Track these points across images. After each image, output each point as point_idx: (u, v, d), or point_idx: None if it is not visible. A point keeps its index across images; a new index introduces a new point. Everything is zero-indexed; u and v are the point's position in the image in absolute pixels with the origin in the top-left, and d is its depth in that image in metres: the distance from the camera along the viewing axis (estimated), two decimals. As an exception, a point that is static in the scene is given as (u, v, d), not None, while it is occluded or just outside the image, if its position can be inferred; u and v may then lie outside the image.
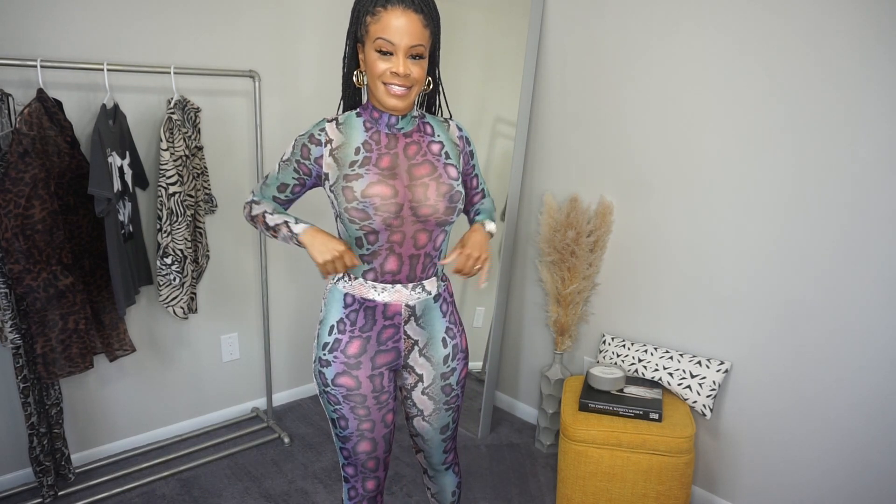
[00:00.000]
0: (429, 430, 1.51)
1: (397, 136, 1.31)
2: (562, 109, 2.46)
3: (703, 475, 2.22)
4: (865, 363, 1.78)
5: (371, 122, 1.32)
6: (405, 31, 1.18)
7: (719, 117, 2.00)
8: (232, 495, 2.23)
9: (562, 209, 2.39)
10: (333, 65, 2.73)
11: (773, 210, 1.92)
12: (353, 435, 1.39)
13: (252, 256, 2.65)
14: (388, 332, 1.36)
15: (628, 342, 2.31)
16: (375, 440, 1.41)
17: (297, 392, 2.97)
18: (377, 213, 1.24)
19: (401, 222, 1.28)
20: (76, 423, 2.30)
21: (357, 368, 1.35)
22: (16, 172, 1.79)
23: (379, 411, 1.39)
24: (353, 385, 1.36)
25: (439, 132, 1.37)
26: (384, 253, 1.30)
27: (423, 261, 1.34)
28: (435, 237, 1.33)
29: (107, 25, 2.11)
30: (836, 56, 1.73)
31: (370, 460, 1.43)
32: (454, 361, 1.45)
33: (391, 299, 1.34)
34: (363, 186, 1.25)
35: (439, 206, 1.29)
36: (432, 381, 1.44)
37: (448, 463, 1.60)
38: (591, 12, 2.31)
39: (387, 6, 1.18)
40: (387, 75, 1.21)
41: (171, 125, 2.07)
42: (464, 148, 1.41)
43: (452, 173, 1.32)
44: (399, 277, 1.33)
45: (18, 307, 1.91)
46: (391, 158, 1.29)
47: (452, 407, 1.50)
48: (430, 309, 1.40)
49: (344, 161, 1.28)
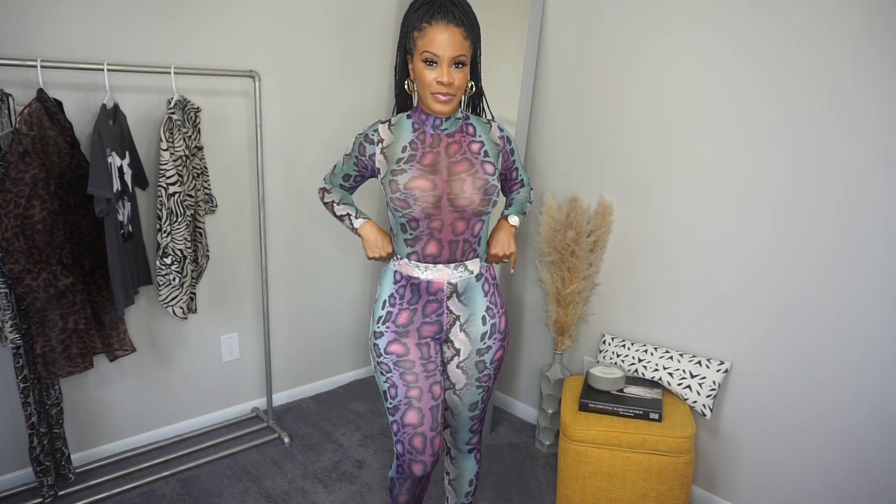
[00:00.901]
0: (458, 404, 1.62)
1: (441, 136, 1.48)
2: (562, 109, 2.46)
3: (703, 475, 2.22)
4: (865, 362, 1.79)
5: (419, 123, 1.49)
6: (448, 44, 1.34)
7: (719, 117, 2.00)
8: (232, 495, 2.23)
9: (562, 209, 2.39)
10: (333, 65, 2.74)
11: (772, 209, 1.92)
12: (402, 404, 1.51)
13: (252, 257, 2.65)
14: (433, 305, 1.53)
15: (628, 342, 2.31)
16: (422, 411, 1.51)
17: (297, 392, 2.97)
18: (416, 203, 1.42)
19: (439, 212, 1.44)
20: (76, 423, 2.30)
21: (406, 336, 1.53)
22: (16, 172, 1.79)
23: (427, 380, 1.52)
24: (402, 351, 1.53)
25: (481, 132, 1.52)
26: (425, 238, 1.47)
27: (463, 245, 1.50)
28: (472, 225, 1.48)
29: (107, 25, 2.11)
30: (831, 56, 1.73)
31: (416, 437, 1.50)
32: (490, 339, 1.57)
33: (434, 277, 1.50)
34: (406, 180, 1.43)
35: (475, 198, 1.44)
36: (468, 356, 1.57)
37: (472, 445, 1.71)
38: (591, 12, 2.31)
39: (431, 22, 1.34)
40: (433, 85, 1.37)
41: (171, 125, 2.07)
42: (504, 147, 1.55)
43: (489, 169, 1.48)
44: (440, 259, 1.49)
45: (18, 307, 1.91)
46: (434, 156, 1.46)
47: (483, 386, 1.61)
48: (472, 287, 1.54)
49: (392, 158, 1.47)
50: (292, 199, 2.73)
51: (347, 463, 2.45)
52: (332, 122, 2.79)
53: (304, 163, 2.73)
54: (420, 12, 1.37)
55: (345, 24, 2.73)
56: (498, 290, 1.61)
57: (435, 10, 1.34)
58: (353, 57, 2.80)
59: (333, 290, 2.99)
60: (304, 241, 2.83)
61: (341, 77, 2.78)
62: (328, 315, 3.00)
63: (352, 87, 2.83)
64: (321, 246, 2.89)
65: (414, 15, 1.38)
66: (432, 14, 1.35)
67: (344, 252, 2.99)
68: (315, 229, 2.85)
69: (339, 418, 2.80)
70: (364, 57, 2.83)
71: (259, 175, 2.45)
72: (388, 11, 2.87)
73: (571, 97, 2.42)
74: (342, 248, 2.98)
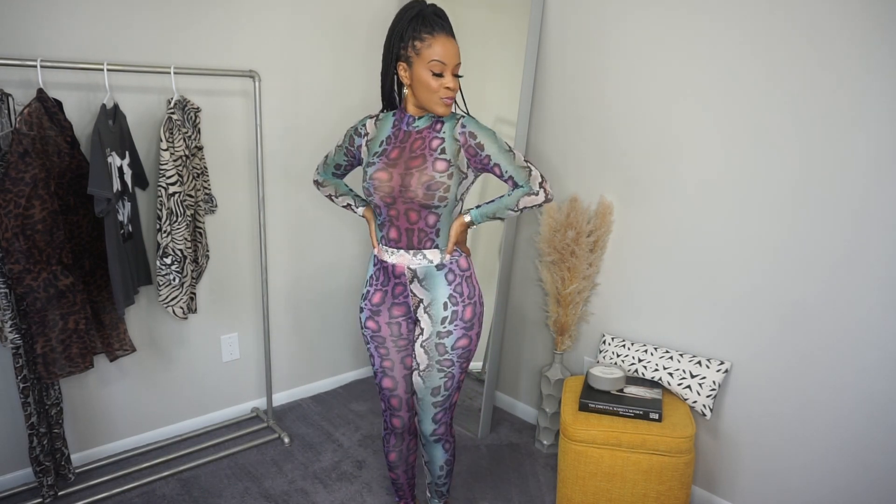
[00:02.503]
0: (422, 387, 1.71)
1: (411, 133, 1.62)
2: (561, 109, 2.46)
3: (703, 475, 2.22)
4: (865, 362, 1.78)
5: (398, 121, 1.65)
6: (452, 54, 1.51)
7: (720, 117, 2.00)
8: (232, 495, 2.23)
9: (561, 209, 2.39)
10: (333, 65, 2.73)
11: (773, 210, 1.92)
12: (378, 371, 1.78)
13: (252, 256, 2.65)
14: (399, 288, 1.69)
15: (628, 342, 2.31)
16: (395, 379, 1.77)
17: (297, 392, 2.97)
18: (376, 192, 1.60)
19: (393, 201, 1.59)
20: (76, 423, 2.30)
21: (378, 315, 1.73)
22: (16, 172, 1.79)
23: (398, 353, 1.75)
24: (375, 328, 1.74)
25: (446, 129, 1.60)
26: (388, 224, 1.64)
27: (418, 234, 1.62)
28: (425, 216, 1.60)
29: (107, 25, 2.11)
30: (834, 55, 1.73)
31: (392, 397, 1.79)
32: (451, 325, 1.66)
33: (396, 261, 1.66)
34: (372, 171, 1.61)
35: (419, 192, 1.55)
36: (429, 336, 1.67)
37: (437, 436, 1.77)
38: (591, 12, 2.31)
39: (433, 34, 1.49)
40: (442, 90, 1.53)
41: (171, 125, 2.07)
42: (466, 142, 1.58)
43: (439, 167, 1.56)
44: (400, 245, 1.64)
45: (18, 307, 1.91)
46: (399, 151, 1.61)
47: (445, 371, 1.68)
48: (433, 276, 1.65)
49: (371, 150, 1.66)
50: (292, 199, 2.73)
51: (347, 463, 2.45)
52: (332, 121, 2.79)
53: (304, 162, 2.73)
54: (416, 22, 1.50)
55: (344, 23, 2.73)
56: (468, 283, 1.68)
57: (432, 22, 1.49)
58: (353, 57, 2.80)
59: (333, 290, 2.99)
60: (304, 240, 2.83)
61: (341, 77, 2.78)
62: (328, 315, 3.00)
63: (351, 86, 2.83)
64: (321, 246, 2.89)
65: (409, 25, 1.51)
66: (432, 25, 1.49)
67: (344, 252, 2.99)
68: (315, 229, 2.85)
69: (339, 418, 2.80)
70: (364, 57, 2.83)
71: (259, 175, 2.45)
72: (387, 12, 2.87)
73: (571, 97, 2.42)
74: (342, 248, 2.98)
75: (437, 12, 1.52)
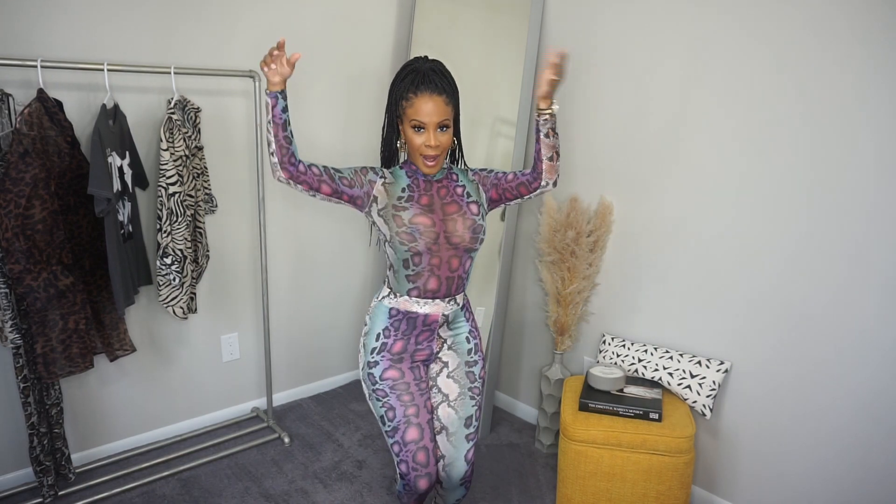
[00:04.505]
0: (454, 418, 1.66)
1: (431, 182, 1.62)
2: (561, 109, 2.46)
3: (703, 475, 2.22)
4: (865, 362, 1.79)
5: (411, 172, 1.63)
6: (433, 112, 1.49)
7: (720, 117, 2.00)
8: (232, 495, 2.23)
9: (561, 209, 2.39)
10: (332, 65, 2.74)
11: (774, 210, 1.92)
12: (401, 423, 1.60)
13: (252, 257, 2.65)
14: (425, 334, 1.65)
15: (628, 342, 2.31)
16: (421, 426, 1.62)
17: (297, 392, 2.97)
18: (421, 237, 1.54)
19: (438, 248, 1.56)
20: (76, 422, 2.31)
21: (400, 362, 1.64)
22: (16, 172, 1.79)
23: (421, 396, 1.65)
24: (398, 375, 1.64)
25: (462, 178, 1.66)
26: (426, 274, 1.58)
27: (457, 282, 1.62)
28: (464, 262, 1.61)
29: (107, 25, 2.11)
30: (833, 55, 1.73)
31: (420, 451, 1.60)
32: (476, 355, 1.72)
33: (431, 311, 1.62)
34: (410, 216, 1.55)
35: (466, 236, 1.57)
36: (457, 367, 1.69)
37: (466, 479, 1.69)
38: (591, 12, 2.31)
39: (417, 93, 1.49)
40: (422, 147, 1.52)
41: (171, 125, 2.07)
42: (480, 179, 1.67)
43: (474, 210, 1.61)
44: (438, 295, 1.61)
45: (18, 307, 1.91)
46: (429, 198, 1.59)
47: (476, 399, 1.69)
48: (458, 315, 1.70)
49: (393, 194, 1.58)
50: (292, 199, 2.73)
51: (347, 463, 2.45)
52: (332, 121, 2.79)
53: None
54: (406, 82, 1.51)
55: (344, 23, 2.73)
56: (474, 316, 1.77)
57: (419, 81, 1.49)
58: (353, 56, 2.80)
59: (333, 290, 2.99)
60: (305, 241, 2.83)
61: (341, 76, 2.78)
62: (328, 315, 3.00)
63: (351, 86, 2.83)
64: (321, 246, 2.89)
65: (401, 85, 1.52)
66: (417, 84, 1.49)
67: (344, 252, 2.99)
68: (315, 229, 2.85)
69: (339, 418, 2.80)
70: (364, 57, 2.83)
71: (259, 175, 2.45)
72: (387, 12, 2.87)
73: (571, 97, 2.42)
74: (343, 248, 2.98)
75: (433, 68, 1.52)
